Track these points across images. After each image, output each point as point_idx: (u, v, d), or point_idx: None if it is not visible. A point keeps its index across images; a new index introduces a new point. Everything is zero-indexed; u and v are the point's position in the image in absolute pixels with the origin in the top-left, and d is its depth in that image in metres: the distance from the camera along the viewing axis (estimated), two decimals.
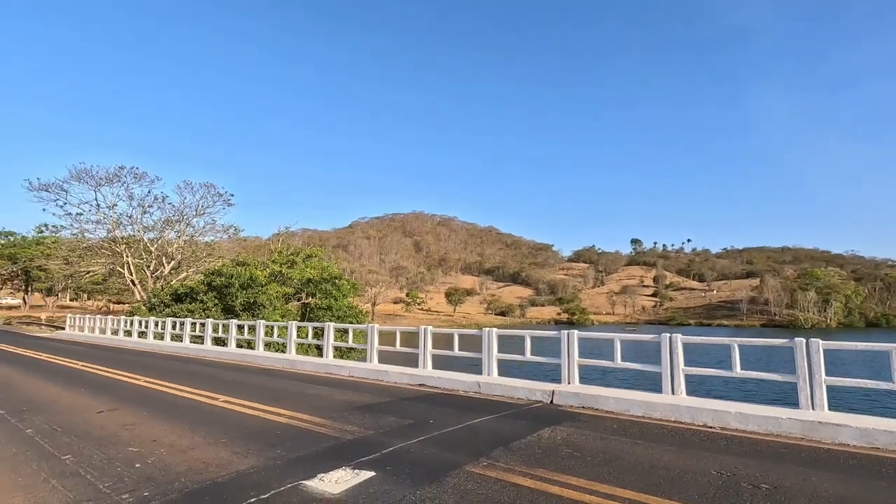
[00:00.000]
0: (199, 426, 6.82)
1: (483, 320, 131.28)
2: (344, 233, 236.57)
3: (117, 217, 40.05)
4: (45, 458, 5.51)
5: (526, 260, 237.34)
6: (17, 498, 4.39)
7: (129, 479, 4.79)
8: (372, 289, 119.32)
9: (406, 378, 10.79)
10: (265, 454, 5.45)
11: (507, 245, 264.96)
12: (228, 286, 27.27)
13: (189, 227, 42.62)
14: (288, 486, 4.45)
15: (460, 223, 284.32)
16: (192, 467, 5.07)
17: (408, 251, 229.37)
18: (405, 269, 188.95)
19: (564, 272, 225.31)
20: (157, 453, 5.58)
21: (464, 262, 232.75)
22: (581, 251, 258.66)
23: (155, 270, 40.07)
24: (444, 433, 6.29)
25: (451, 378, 10.09)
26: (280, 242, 48.06)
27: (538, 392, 8.70)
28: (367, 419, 7.14)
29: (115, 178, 38.81)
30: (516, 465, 4.91)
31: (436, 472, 4.75)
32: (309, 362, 13.50)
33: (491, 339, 10.32)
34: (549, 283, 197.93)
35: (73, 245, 41.64)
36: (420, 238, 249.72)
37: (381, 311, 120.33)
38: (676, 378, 7.90)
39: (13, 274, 74.38)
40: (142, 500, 4.25)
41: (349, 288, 34.52)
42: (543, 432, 6.25)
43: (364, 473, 4.73)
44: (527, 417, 7.26)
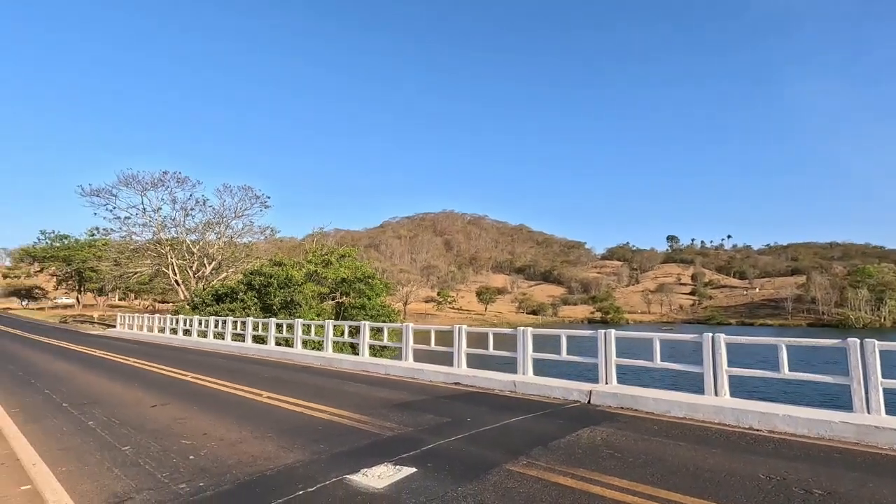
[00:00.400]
0: (246, 421, 7.10)
1: (515, 319, 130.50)
2: (375, 232, 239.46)
3: (162, 220, 41.88)
4: (106, 449, 5.87)
5: (558, 258, 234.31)
6: (86, 485, 4.70)
7: (184, 469, 5.05)
8: (403, 288, 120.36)
9: (441, 376, 10.88)
10: (309, 449, 5.63)
11: (539, 243, 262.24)
12: (267, 286, 28.09)
13: (228, 229, 44.11)
14: (333, 480, 4.59)
15: (491, 221, 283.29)
16: (241, 460, 5.30)
17: (438, 250, 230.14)
18: (436, 268, 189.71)
19: (597, 270, 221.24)
20: (209, 446, 5.86)
21: (494, 260, 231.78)
22: (615, 249, 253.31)
23: (197, 271, 41.65)
24: (482, 431, 6.34)
25: (487, 377, 10.12)
26: (314, 243, 49.14)
27: (575, 392, 8.62)
28: (406, 416, 7.26)
29: (159, 182, 40.60)
30: (557, 465, 4.91)
31: (476, 470, 4.80)
32: (345, 360, 13.79)
33: (526, 339, 10.29)
34: (581, 281, 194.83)
35: (121, 247, 43.79)
36: (451, 237, 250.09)
37: (413, 309, 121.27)
38: (720, 379, 7.68)
39: (68, 275, 78.80)
40: (197, 490, 4.47)
41: (382, 287, 34.98)
42: (582, 432, 6.21)
43: (406, 469, 4.83)
44: (564, 417, 7.22)
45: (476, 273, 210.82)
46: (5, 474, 5.12)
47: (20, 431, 6.82)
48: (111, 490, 4.53)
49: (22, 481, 4.89)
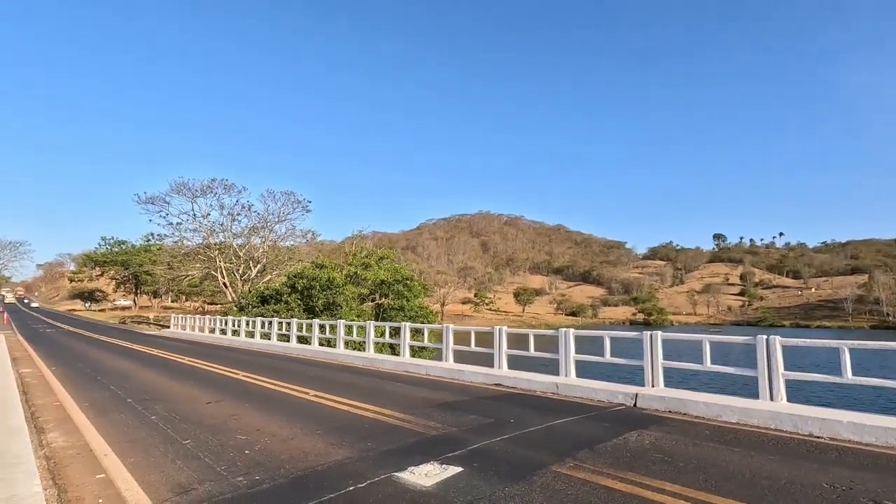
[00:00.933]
0: (295, 418, 7.36)
1: (553, 320, 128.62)
2: (412, 234, 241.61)
3: (210, 225, 43.83)
4: (169, 442, 6.22)
5: (597, 258, 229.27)
6: (153, 475, 5.01)
7: (241, 463, 5.30)
8: (440, 289, 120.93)
9: (482, 377, 10.90)
10: (357, 446, 5.79)
11: (577, 243, 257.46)
12: (310, 288, 28.90)
13: (272, 233, 45.66)
14: (382, 477, 4.71)
15: (527, 222, 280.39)
16: (293, 455, 5.50)
17: (475, 251, 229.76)
18: (473, 270, 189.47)
19: (639, 270, 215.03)
20: (262, 441, 6.11)
21: (532, 261, 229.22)
22: (657, 248, 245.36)
23: (243, 274, 43.31)
24: (526, 433, 6.32)
25: (528, 378, 10.06)
26: (353, 245, 50.14)
27: (620, 394, 8.46)
28: (449, 416, 7.33)
29: (208, 189, 42.51)
30: (604, 468, 4.85)
31: (522, 471, 4.80)
32: (387, 360, 14.02)
33: (568, 340, 10.17)
34: (622, 281, 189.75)
35: (174, 252, 46.13)
36: (487, 238, 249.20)
37: (450, 311, 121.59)
38: (775, 383, 7.35)
39: (125, 278, 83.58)
40: (254, 483, 4.69)
41: (420, 289, 35.32)
42: (630, 436, 6.10)
43: (452, 468, 4.89)
44: (609, 420, 7.10)
45: (513, 274, 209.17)
46: (82, 463, 5.52)
47: (91, 424, 7.33)
48: (176, 481, 4.81)
49: (96, 470, 5.26)
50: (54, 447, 6.17)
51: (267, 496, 4.33)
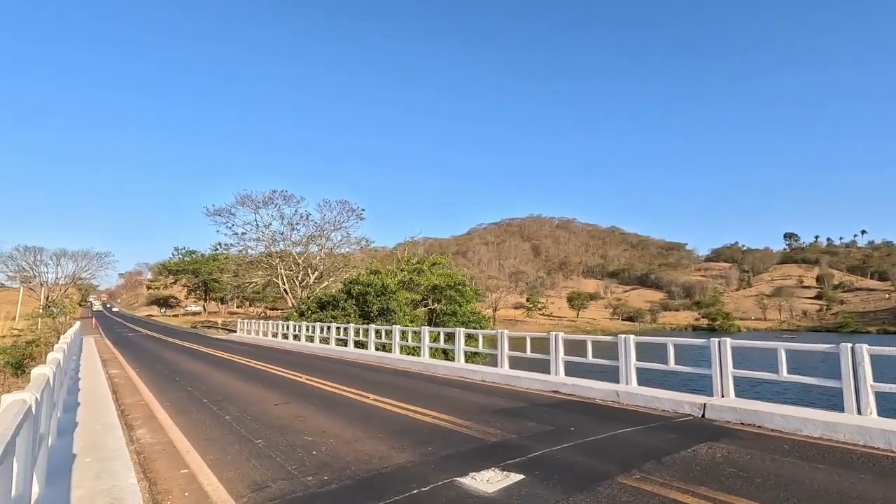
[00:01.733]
0: (357, 421, 7.60)
1: (609, 326, 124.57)
2: (462, 240, 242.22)
3: (272, 234, 46.07)
4: (243, 441, 6.60)
5: (655, 261, 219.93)
6: (230, 472, 5.34)
7: (309, 463, 5.54)
8: (492, 294, 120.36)
9: (538, 384, 10.77)
10: (418, 450, 5.89)
11: (633, 245, 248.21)
12: (365, 294, 29.67)
13: (328, 241, 47.32)
14: (444, 482, 4.77)
15: (580, 225, 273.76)
16: (358, 457, 5.69)
17: (526, 256, 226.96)
18: (524, 274, 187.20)
19: (701, 273, 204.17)
20: (328, 443, 6.36)
21: (585, 265, 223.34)
22: (721, 249, 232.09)
23: (302, 280, 45.15)
24: (587, 441, 6.19)
25: (587, 386, 9.84)
26: (405, 252, 51.00)
27: (686, 404, 8.09)
28: (507, 423, 7.30)
29: (269, 200, 44.79)
30: (674, 481, 4.67)
31: (586, 481, 4.72)
32: (442, 366, 14.14)
33: (628, 347, 9.85)
34: (683, 285, 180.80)
35: (239, 260, 48.84)
36: (538, 242, 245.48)
37: (502, 316, 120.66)
38: (863, 395, 6.78)
39: (196, 285, 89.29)
40: (323, 482, 4.89)
41: (472, 294, 35.36)
42: (699, 448, 5.83)
43: (514, 476, 4.88)
44: (676, 431, 6.81)
45: (566, 278, 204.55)
46: (167, 459, 5.97)
47: (173, 422, 7.91)
48: (251, 478, 5.10)
49: (180, 466, 5.67)
50: (143, 443, 6.72)
51: (335, 496, 4.51)
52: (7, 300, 61.86)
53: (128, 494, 4.42)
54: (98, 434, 6.75)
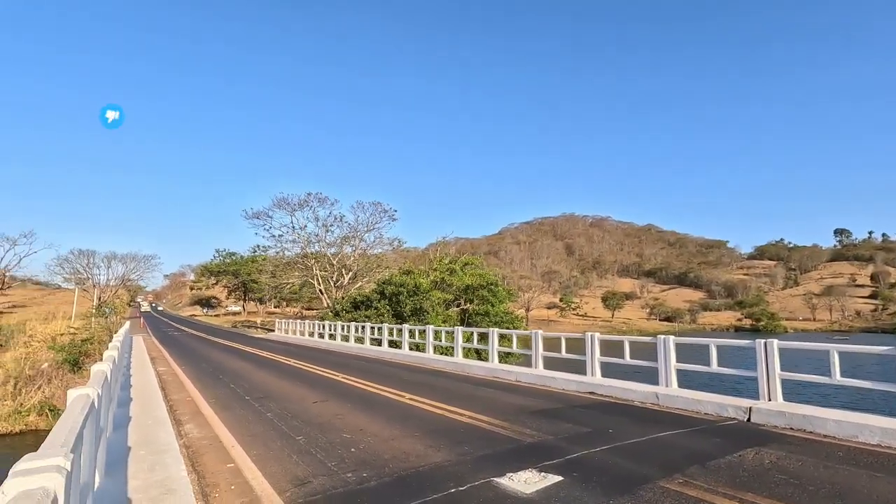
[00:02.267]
0: (394, 420, 7.70)
1: (646, 326, 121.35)
2: (494, 239, 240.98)
3: (307, 236, 47.17)
4: (284, 437, 6.80)
5: (694, 259, 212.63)
6: (273, 467, 5.51)
7: (348, 460, 5.66)
8: (524, 294, 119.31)
9: (574, 385, 10.62)
10: (454, 450, 5.92)
11: (671, 244, 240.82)
12: (398, 294, 29.98)
13: (362, 242, 48.07)
14: (481, 482, 4.78)
15: (615, 223, 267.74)
16: (395, 455, 5.77)
17: (559, 255, 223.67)
18: (557, 274, 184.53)
19: (744, 271, 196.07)
20: (366, 441, 6.47)
21: (620, 263, 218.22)
22: (765, 247, 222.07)
23: (337, 281, 46.01)
24: (627, 444, 6.07)
25: (625, 387, 9.63)
26: (437, 252, 51.23)
27: (730, 408, 7.81)
28: (543, 424, 7.24)
29: (304, 203, 45.89)
30: (720, 487, 4.52)
31: (626, 484, 4.63)
32: (476, 366, 14.14)
33: (668, 347, 9.59)
34: (724, 284, 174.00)
35: (276, 261, 50.22)
36: (571, 241, 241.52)
37: (535, 316, 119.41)
38: None
39: (236, 286, 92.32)
40: (362, 479, 4.98)
41: (505, 294, 35.17)
42: (746, 453, 5.62)
43: (551, 477, 4.84)
44: (720, 435, 6.59)
45: (600, 277, 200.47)
46: (214, 453, 6.22)
47: (218, 418, 8.22)
48: (293, 473, 5.25)
49: (226, 460, 5.90)
50: (191, 437, 7.01)
51: (375, 493, 4.59)
52: (64, 300, 65.71)
53: (180, 486, 4.63)
54: (150, 428, 7.09)
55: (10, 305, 66.71)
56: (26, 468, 1.61)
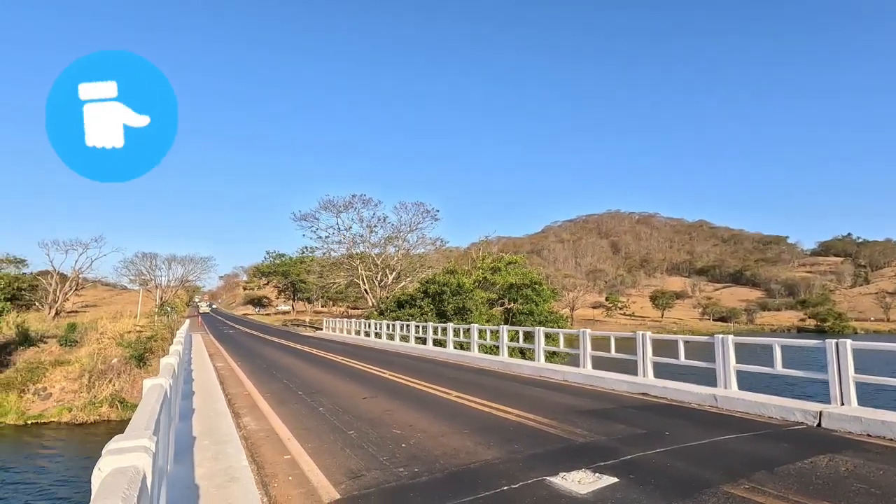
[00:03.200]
0: (442, 417, 7.74)
1: (699, 326, 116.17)
2: (537, 238, 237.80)
3: (352, 237, 48.25)
4: (336, 431, 6.98)
5: (751, 256, 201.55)
6: (327, 459, 5.66)
7: (399, 455, 5.73)
8: (569, 293, 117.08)
9: (625, 385, 10.31)
10: (504, 448, 5.88)
11: (724, 240, 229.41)
12: (441, 293, 30.14)
13: (405, 242, 48.65)
14: (534, 480, 4.72)
15: (663, 219, 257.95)
16: (446, 452, 5.79)
17: (604, 253, 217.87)
18: (602, 272, 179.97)
19: (807, 269, 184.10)
20: (416, 437, 6.53)
21: (670, 261, 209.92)
22: (831, 242, 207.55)
23: (381, 280, 46.80)
24: (685, 447, 5.83)
25: (680, 388, 9.25)
26: (480, 251, 51.10)
27: (797, 412, 7.35)
28: (595, 424, 7.07)
29: (349, 205, 46.94)
30: (790, 494, 4.26)
31: (687, 488, 4.44)
32: (522, 365, 14.00)
33: (727, 347, 9.13)
34: (784, 282, 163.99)
35: (322, 262, 51.68)
36: (617, 238, 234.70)
37: (580, 315, 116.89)
38: None
39: (285, 286, 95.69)
40: (414, 474, 5.03)
41: (549, 293, 34.64)
42: (818, 460, 5.26)
43: (606, 478, 4.71)
44: (788, 440, 6.21)
45: (648, 276, 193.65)
46: (271, 445, 6.46)
47: (273, 412, 8.54)
48: (347, 466, 5.38)
49: (283, 452, 6.11)
50: (249, 430, 7.32)
51: (427, 488, 4.63)
52: (130, 300, 70.32)
53: (242, 475, 4.84)
54: (212, 420, 7.46)
55: (83, 305, 72.06)
56: (118, 447, 1.74)
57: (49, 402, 28.23)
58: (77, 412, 27.39)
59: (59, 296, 61.19)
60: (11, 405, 27.48)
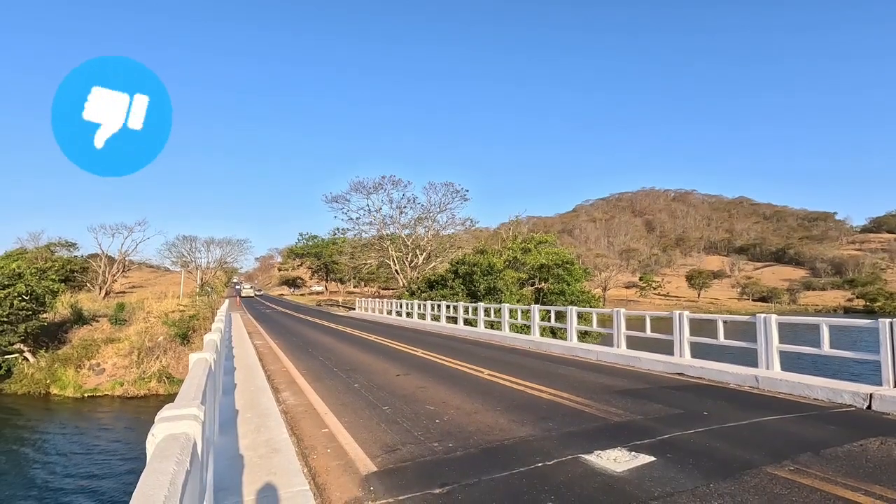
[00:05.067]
0: (475, 394, 7.80)
1: (737, 307, 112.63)
2: (568, 217, 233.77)
3: (382, 218, 48.61)
4: (372, 407, 7.14)
5: (794, 234, 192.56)
6: (363, 434, 5.81)
7: (433, 430, 5.82)
8: (601, 273, 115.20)
9: (661, 366, 10.12)
10: (539, 426, 5.89)
11: (766, 217, 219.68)
12: (472, 273, 30.16)
13: (434, 223, 48.69)
14: (568, 458, 4.72)
15: (700, 196, 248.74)
16: (479, 428, 5.84)
17: (638, 232, 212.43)
18: (636, 252, 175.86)
19: (856, 247, 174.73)
20: (449, 413, 6.62)
21: (707, 240, 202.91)
22: (883, 218, 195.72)
23: (411, 261, 47.15)
24: (725, 428, 5.69)
25: (719, 369, 9.01)
26: (510, 231, 50.73)
27: (845, 393, 7.04)
28: (630, 404, 6.98)
29: (379, 186, 47.15)
30: (838, 477, 4.10)
31: (728, 468, 4.35)
32: (554, 344, 13.93)
33: (770, 327, 8.81)
34: (831, 261, 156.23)
35: (354, 243, 52.38)
36: (652, 217, 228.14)
37: (613, 296, 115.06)
38: None
39: (318, 267, 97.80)
40: (448, 449, 5.11)
41: (581, 273, 34.19)
42: (869, 443, 5.05)
43: (643, 457, 4.66)
44: (835, 423, 5.98)
45: (684, 255, 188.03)
46: (309, 419, 6.67)
47: (311, 387, 8.80)
48: (382, 441, 5.50)
49: (321, 425, 6.30)
50: (288, 404, 7.57)
51: (462, 462, 4.69)
52: (172, 282, 73.47)
53: (283, 447, 5.02)
54: (253, 394, 7.75)
55: (130, 286, 75.79)
56: (169, 415, 1.82)
57: (103, 377, 30.02)
58: (128, 386, 29.05)
59: (107, 277, 64.46)
60: (70, 379, 29.38)
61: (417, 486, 4.12)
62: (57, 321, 34.55)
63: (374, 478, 4.37)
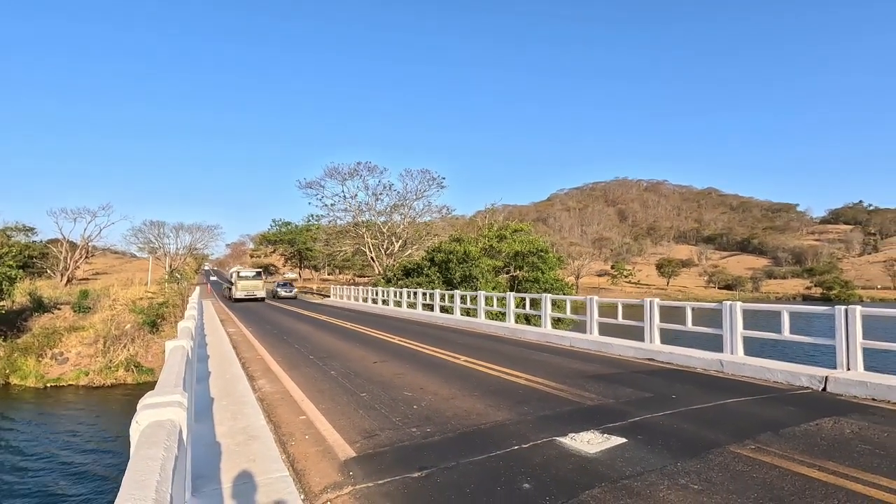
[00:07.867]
0: (452, 380, 7.90)
1: (704, 294, 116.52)
2: (543, 206, 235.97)
3: (358, 205, 48.10)
4: (349, 394, 7.15)
5: (759, 224, 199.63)
6: (342, 420, 5.83)
7: (411, 416, 5.89)
8: (574, 261, 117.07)
9: (632, 351, 10.44)
10: (515, 410, 6.02)
11: (733, 208, 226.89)
12: (448, 261, 30.23)
13: (411, 210, 48.47)
14: (543, 440, 4.85)
15: (671, 187, 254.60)
16: (457, 413, 5.94)
17: (611, 221, 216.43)
18: (609, 241, 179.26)
19: (815, 237, 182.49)
20: (427, 399, 6.69)
21: (677, 229, 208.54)
22: (841, 210, 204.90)
23: (387, 249, 46.92)
24: (692, 410, 5.94)
25: (686, 354, 9.36)
26: (485, 219, 50.94)
27: (803, 377, 7.43)
28: (603, 388, 7.20)
29: (355, 172, 46.54)
30: (795, 454, 4.36)
31: (694, 448, 4.56)
32: (529, 331, 14.17)
33: (734, 313, 9.18)
34: (792, 250, 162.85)
35: (329, 230, 51.73)
36: (624, 206, 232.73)
37: (585, 283, 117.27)
38: None
39: (292, 254, 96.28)
40: (426, 434, 5.18)
41: (555, 261, 34.68)
42: (823, 422, 5.36)
43: (615, 439, 4.83)
44: (793, 404, 6.31)
45: (655, 244, 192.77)
46: (286, 406, 6.64)
47: (287, 375, 8.74)
48: (361, 426, 5.54)
49: (298, 412, 6.29)
50: (264, 392, 7.51)
51: (440, 447, 4.77)
52: (139, 268, 71.20)
53: (261, 433, 5.00)
54: (228, 382, 7.66)
55: (94, 273, 73.07)
56: (153, 402, 1.80)
57: (66, 367, 29.02)
58: (94, 376, 28.17)
59: (69, 263, 61.96)
60: (31, 369, 28.29)
61: (397, 470, 4.18)
62: (15, 309, 33.13)
63: (353, 463, 4.40)
